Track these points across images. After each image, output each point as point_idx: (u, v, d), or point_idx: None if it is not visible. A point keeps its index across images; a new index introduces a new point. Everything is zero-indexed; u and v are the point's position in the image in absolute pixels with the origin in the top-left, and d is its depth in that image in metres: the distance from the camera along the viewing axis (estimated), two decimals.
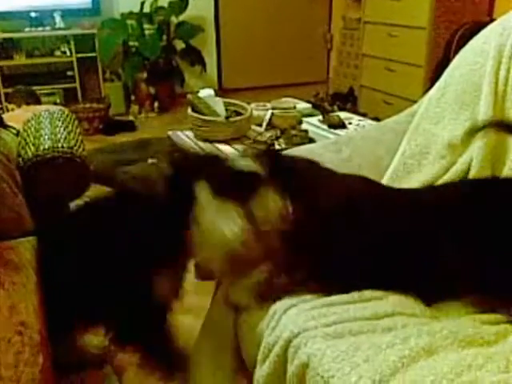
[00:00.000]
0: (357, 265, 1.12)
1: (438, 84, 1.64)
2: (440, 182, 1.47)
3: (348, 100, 4.67)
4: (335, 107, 4.08)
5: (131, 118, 4.82)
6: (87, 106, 4.53)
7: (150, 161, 3.61)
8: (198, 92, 2.18)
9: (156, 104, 4.98)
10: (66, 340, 1.30)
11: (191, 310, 1.55)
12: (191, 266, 1.32)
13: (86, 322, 1.31)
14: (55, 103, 4.39)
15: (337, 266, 1.12)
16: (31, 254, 1.14)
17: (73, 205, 1.65)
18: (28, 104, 3.42)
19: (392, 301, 1.06)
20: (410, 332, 0.94)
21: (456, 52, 1.67)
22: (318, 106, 2.91)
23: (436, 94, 1.62)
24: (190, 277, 1.32)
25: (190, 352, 1.38)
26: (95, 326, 1.31)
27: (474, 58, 1.57)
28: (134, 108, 4.95)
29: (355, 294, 1.10)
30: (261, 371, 1.04)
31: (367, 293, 1.10)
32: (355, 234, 1.12)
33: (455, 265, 1.05)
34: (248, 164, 1.11)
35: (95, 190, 2.99)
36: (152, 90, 4.91)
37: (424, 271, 1.08)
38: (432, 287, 1.08)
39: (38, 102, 4.03)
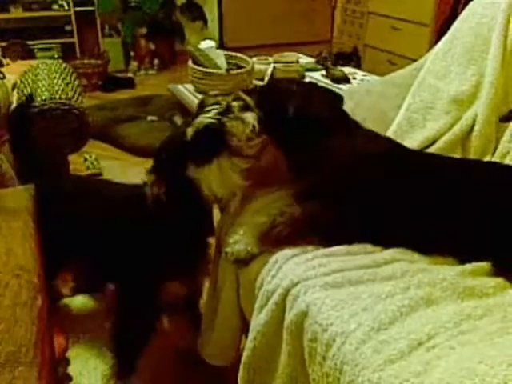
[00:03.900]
0: (359, 221, 1.12)
1: (445, 37, 1.59)
2: (444, 138, 1.45)
3: (351, 60, 4.57)
4: (338, 67, 4.01)
5: (130, 74, 4.75)
6: (85, 61, 4.45)
7: (149, 118, 3.57)
8: (198, 44, 2.13)
9: (156, 61, 4.89)
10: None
11: None
12: None
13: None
14: (53, 58, 4.31)
15: (339, 222, 1.11)
16: (29, 201, 1.13)
17: None
18: (23, 59, 3.36)
19: (391, 251, 1.06)
20: (410, 282, 0.94)
21: (464, 8, 1.62)
22: (321, 64, 2.84)
23: (443, 47, 1.58)
24: None
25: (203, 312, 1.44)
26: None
27: (484, 10, 1.52)
28: (134, 65, 4.87)
29: (355, 247, 1.09)
30: (258, 319, 1.04)
31: (367, 246, 1.10)
32: (362, 191, 1.12)
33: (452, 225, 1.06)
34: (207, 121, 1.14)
35: (94, 146, 3.00)
36: (152, 46, 4.82)
37: (424, 230, 1.08)
38: (430, 243, 1.07)
39: (32, 56, 3.96)
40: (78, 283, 1.78)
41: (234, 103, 1.16)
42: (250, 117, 1.14)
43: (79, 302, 1.80)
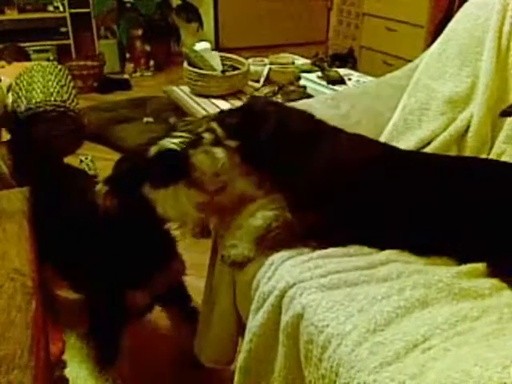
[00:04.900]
0: (355, 223, 1.12)
1: (440, 38, 1.60)
2: (439, 138, 1.45)
3: (347, 61, 4.57)
4: (334, 68, 4.02)
5: (126, 76, 4.74)
6: (81, 63, 4.43)
7: (145, 120, 3.56)
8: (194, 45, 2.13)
9: (151, 62, 4.88)
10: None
11: (192, 268, 1.54)
12: None
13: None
14: (48, 60, 4.29)
15: (334, 225, 1.11)
16: (24, 203, 1.13)
17: None
18: (18, 61, 3.36)
19: (387, 252, 1.06)
20: (406, 283, 0.94)
21: (459, 9, 1.63)
22: (317, 65, 2.84)
23: (438, 48, 1.58)
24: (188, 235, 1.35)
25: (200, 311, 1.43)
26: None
27: (478, 11, 1.52)
28: (129, 66, 4.86)
29: (351, 248, 1.10)
30: (254, 321, 1.04)
31: (363, 247, 1.10)
32: (355, 193, 1.12)
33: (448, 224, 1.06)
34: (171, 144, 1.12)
35: (90, 148, 2.99)
36: (147, 48, 4.81)
37: (419, 230, 1.08)
38: (425, 244, 1.08)
39: (27, 59, 3.95)
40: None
41: (206, 135, 1.12)
42: (221, 152, 1.10)
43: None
